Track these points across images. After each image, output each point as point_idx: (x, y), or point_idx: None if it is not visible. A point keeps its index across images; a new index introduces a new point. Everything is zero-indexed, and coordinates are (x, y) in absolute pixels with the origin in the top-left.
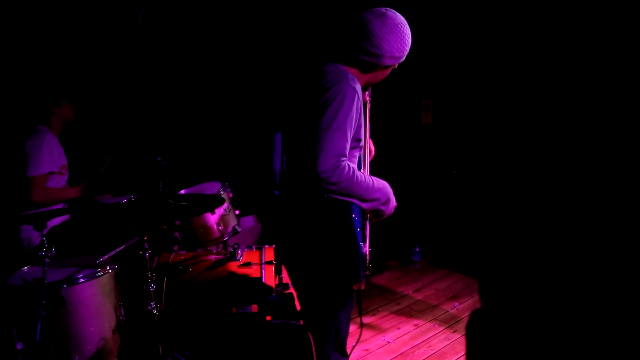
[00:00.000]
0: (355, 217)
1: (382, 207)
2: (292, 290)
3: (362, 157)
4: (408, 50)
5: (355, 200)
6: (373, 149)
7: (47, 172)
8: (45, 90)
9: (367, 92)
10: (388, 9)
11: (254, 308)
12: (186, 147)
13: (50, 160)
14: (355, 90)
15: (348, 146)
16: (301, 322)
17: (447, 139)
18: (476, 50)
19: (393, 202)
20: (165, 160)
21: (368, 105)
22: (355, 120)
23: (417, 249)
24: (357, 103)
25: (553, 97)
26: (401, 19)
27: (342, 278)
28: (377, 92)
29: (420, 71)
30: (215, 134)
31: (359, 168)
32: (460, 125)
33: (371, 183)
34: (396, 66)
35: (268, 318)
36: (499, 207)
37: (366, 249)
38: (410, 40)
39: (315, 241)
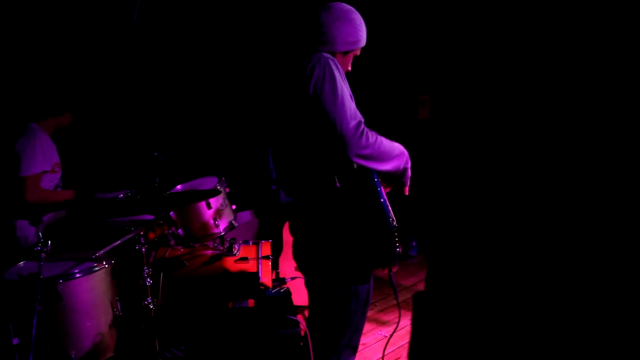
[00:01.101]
0: (378, 188)
1: (407, 165)
2: (288, 285)
3: None
4: (363, 35)
5: (384, 164)
6: None
7: (40, 172)
8: (48, 97)
9: None
10: (336, 2)
11: (251, 303)
12: (183, 142)
13: (43, 159)
14: (334, 61)
15: (356, 108)
16: (299, 317)
17: (444, 134)
18: (473, 44)
19: (410, 162)
20: (162, 155)
21: None
22: (347, 88)
23: (414, 244)
24: (342, 72)
25: (551, 92)
26: (347, 6)
27: (374, 260)
28: (375, 86)
29: (417, 66)
30: (212, 128)
31: None
32: (457, 120)
33: (391, 143)
34: (358, 53)
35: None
36: (490, 203)
37: (394, 222)
38: (361, 25)
39: (338, 226)
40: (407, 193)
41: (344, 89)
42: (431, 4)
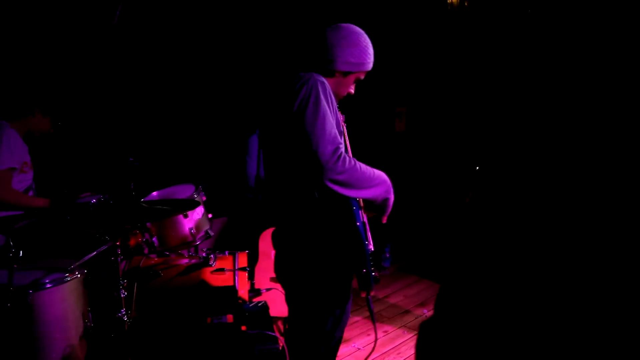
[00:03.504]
0: (355, 208)
1: (388, 196)
2: (264, 296)
3: None
4: (368, 59)
5: (361, 192)
6: None
7: (7, 168)
8: (18, 96)
9: (341, 116)
10: (347, 23)
11: (229, 318)
12: (159, 148)
13: (10, 156)
14: (324, 84)
15: (337, 134)
16: (275, 328)
17: (420, 146)
18: (450, 57)
19: (392, 192)
20: (137, 160)
21: (344, 128)
22: (333, 112)
23: (387, 255)
24: (330, 96)
25: (527, 104)
26: (356, 28)
27: (350, 281)
28: (351, 98)
29: (395, 78)
30: (190, 135)
31: None
32: (433, 132)
33: (372, 171)
34: (362, 77)
35: (243, 328)
36: (471, 215)
37: (371, 246)
38: (368, 49)
39: (315, 243)
40: (384, 221)
41: (327, 112)
42: (409, 17)
